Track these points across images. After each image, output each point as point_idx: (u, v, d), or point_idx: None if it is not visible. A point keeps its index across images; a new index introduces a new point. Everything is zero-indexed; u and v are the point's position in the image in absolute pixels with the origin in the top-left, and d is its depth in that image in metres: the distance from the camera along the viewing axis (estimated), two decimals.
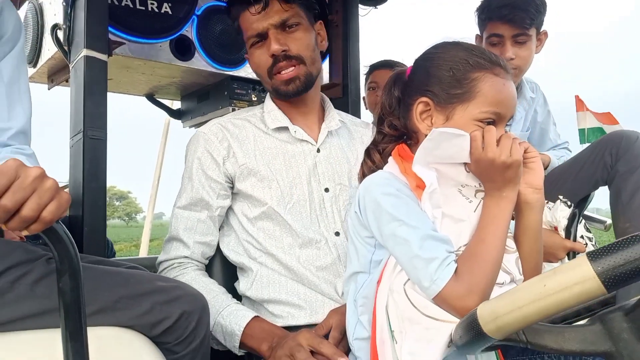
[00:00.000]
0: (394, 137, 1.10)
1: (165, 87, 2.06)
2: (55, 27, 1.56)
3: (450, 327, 0.87)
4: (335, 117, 1.47)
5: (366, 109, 2.50)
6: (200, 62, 1.82)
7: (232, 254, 1.41)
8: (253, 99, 1.98)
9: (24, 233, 0.74)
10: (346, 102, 2.07)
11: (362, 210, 1.02)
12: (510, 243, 0.98)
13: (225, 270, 1.45)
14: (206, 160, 1.37)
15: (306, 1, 1.39)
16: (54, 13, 1.63)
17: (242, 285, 1.40)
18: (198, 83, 2.01)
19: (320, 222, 1.38)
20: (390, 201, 0.97)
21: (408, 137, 1.10)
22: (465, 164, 1.00)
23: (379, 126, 1.12)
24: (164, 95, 2.18)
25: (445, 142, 0.96)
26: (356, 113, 2.11)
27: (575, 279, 0.61)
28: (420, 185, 0.97)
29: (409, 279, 0.95)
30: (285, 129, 1.41)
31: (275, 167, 1.36)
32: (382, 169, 1.08)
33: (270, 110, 1.43)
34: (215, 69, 1.86)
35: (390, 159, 1.07)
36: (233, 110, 1.93)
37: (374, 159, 1.10)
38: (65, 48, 1.53)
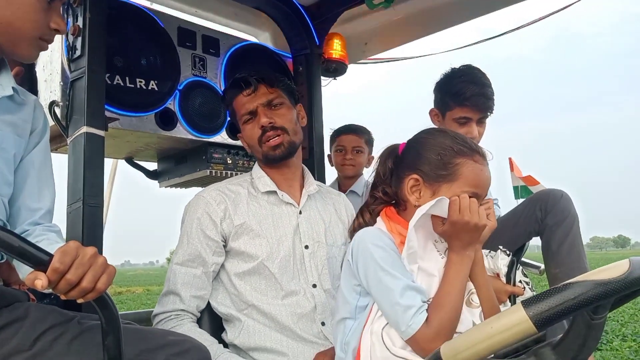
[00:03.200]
0: (385, 201, 1.33)
1: (144, 150, 2.22)
2: (52, 104, 1.70)
3: None
4: (313, 183, 1.73)
5: (331, 166, 2.74)
6: (181, 131, 2.00)
7: (221, 307, 1.58)
8: (228, 161, 2.18)
9: (80, 301, 0.90)
10: (312, 162, 2.28)
11: (354, 258, 1.23)
12: (475, 299, 1.20)
13: (212, 321, 1.60)
14: (205, 220, 1.56)
15: (287, 86, 1.70)
16: (50, 91, 1.78)
17: (229, 335, 1.56)
18: (177, 148, 2.19)
19: (300, 275, 1.58)
20: (379, 253, 1.18)
21: (397, 203, 1.33)
22: (433, 225, 1.22)
23: (373, 191, 1.35)
24: (142, 157, 2.33)
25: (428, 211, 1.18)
26: (321, 171, 2.34)
27: (513, 321, 0.82)
28: (403, 242, 1.19)
29: (386, 324, 1.16)
30: (274, 192, 1.64)
31: (266, 226, 1.58)
32: (370, 226, 1.31)
33: (260, 177, 1.67)
34: (195, 137, 2.05)
35: (379, 218, 1.30)
36: (210, 172, 2.12)
37: (365, 218, 1.33)
38: (63, 123, 1.68)
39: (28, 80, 1.80)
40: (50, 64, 1.80)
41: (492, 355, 1.00)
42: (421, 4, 2.37)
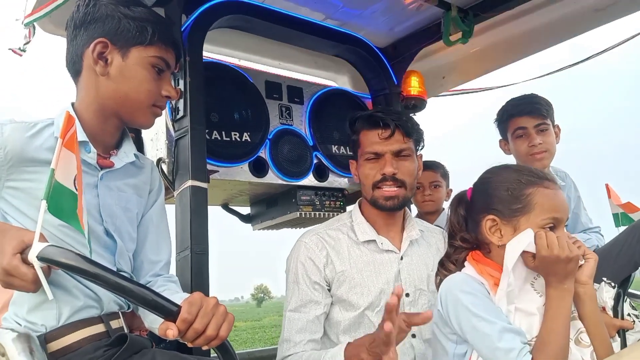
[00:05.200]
0: (466, 248, 1.33)
1: (238, 197, 2.36)
2: (160, 161, 1.87)
3: None
4: (415, 227, 1.70)
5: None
6: (272, 177, 2.12)
7: None
8: (316, 203, 2.26)
9: (205, 348, 0.99)
10: None
11: (444, 307, 1.24)
12: (585, 337, 1.17)
13: None
14: (309, 265, 1.61)
15: (418, 136, 1.69)
16: (156, 149, 1.96)
17: None
18: (268, 192, 2.31)
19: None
20: (469, 299, 1.19)
21: (479, 247, 1.33)
22: (524, 261, 1.21)
23: (451, 240, 1.36)
24: (236, 203, 2.48)
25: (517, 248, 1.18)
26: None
27: None
28: (497, 284, 1.19)
29: None
30: (374, 241, 1.64)
31: (367, 274, 1.59)
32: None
33: (359, 223, 1.67)
34: (285, 181, 2.15)
35: (466, 262, 1.30)
36: (300, 214, 2.21)
37: (449, 268, 1.32)
38: (170, 178, 1.84)
39: (136, 144, 1.99)
40: (156, 125, 1.96)
41: None
42: (498, 35, 2.37)
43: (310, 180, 2.24)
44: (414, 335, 1.55)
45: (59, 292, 1.14)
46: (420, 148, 1.74)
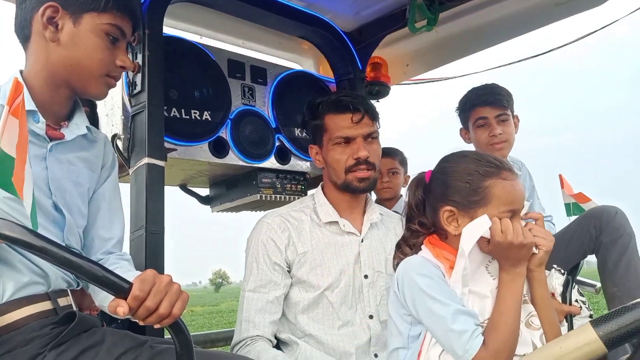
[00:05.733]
0: (423, 233, 1.33)
1: (197, 177, 2.31)
2: (115, 137, 1.80)
3: None
4: (376, 210, 1.71)
5: None
6: (233, 158, 2.08)
7: (279, 332, 1.60)
8: (277, 185, 2.23)
9: (157, 326, 0.96)
10: None
11: (401, 289, 1.25)
12: (536, 321, 1.20)
13: None
14: (270, 246, 1.59)
15: (378, 120, 1.72)
16: (112, 124, 1.89)
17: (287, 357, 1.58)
18: (228, 174, 2.27)
19: (357, 306, 1.58)
20: (425, 281, 1.20)
21: (436, 231, 1.34)
22: (479, 245, 1.23)
23: (408, 224, 1.36)
24: (195, 184, 2.42)
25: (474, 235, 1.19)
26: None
27: (583, 341, 0.83)
28: (452, 267, 1.21)
29: (442, 351, 1.16)
30: (336, 223, 1.64)
31: (328, 256, 1.59)
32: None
33: (322, 205, 1.67)
34: (245, 163, 2.12)
35: (423, 246, 1.31)
36: (260, 197, 2.18)
37: (405, 251, 1.33)
38: (125, 155, 1.77)
39: (91, 118, 1.91)
40: (112, 100, 1.91)
41: None
42: (463, 25, 2.40)
43: (271, 162, 2.21)
44: (371, 317, 1.57)
45: (3, 267, 1.09)
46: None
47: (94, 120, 1.91)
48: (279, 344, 1.63)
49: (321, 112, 1.69)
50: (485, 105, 2.14)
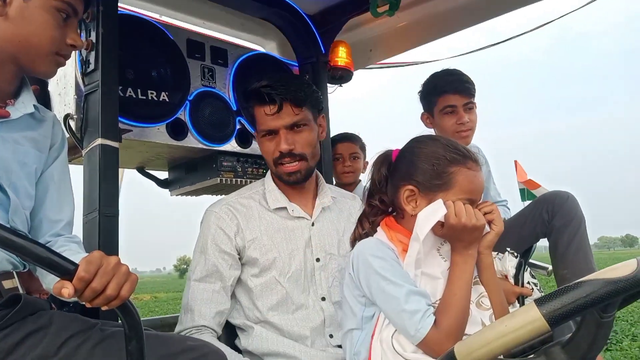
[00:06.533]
0: (382, 210, 1.35)
1: (155, 160, 2.26)
2: (67, 117, 1.74)
3: None
4: (327, 193, 1.69)
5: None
6: (192, 140, 2.04)
7: (234, 319, 1.59)
8: (238, 169, 2.21)
9: (104, 308, 0.93)
10: (320, 169, 2.31)
11: (355, 271, 1.26)
12: (486, 301, 1.23)
13: (226, 328, 1.62)
14: (219, 235, 1.56)
15: (313, 101, 1.61)
16: (64, 104, 1.82)
17: (243, 342, 1.58)
18: (187, 157, 2.23)
19: (310, 289, 1.57)
20: (379, 263, 1.21)
21: (394, 211, 1.35)
22: (432, 229, 1.25)
23: (369, 199, 1.37)
24: (153, 166, 2.37)
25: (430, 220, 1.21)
26: (328, 179, 2.37)
27: (527, 320, 0.85)
28: (405, 250, 1.22)
29: (395, 331, 1.18)
30: (284, 208, 1.62)
31: (278, 241, 1.57)
32: (371, 235, 1.33)
33: (271, 190, 1.65)
34: (205, 146, 2.08)
35: (379, 228, 1.32)
36: (221, 180, 2.15)
37: (364, 227, 1.35)
38: (78, 135, 1.72)
39: (41, 98, 1.84)
40: (64, 78, 1.84)
41: (502, 356, 1.02)
42: (425, 11, 2.41)
43: (232, 146, 2.18)
44: (323, 298, 1.57)
45: None
46: (319, 111, 1.67)
47: (44, 99, 1.84)
48: (235, 330, 1.63)
49: (251, 103, 1.62)
50: (455, 92, 2.13)
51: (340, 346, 1.50)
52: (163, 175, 2.45)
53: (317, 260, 1.60)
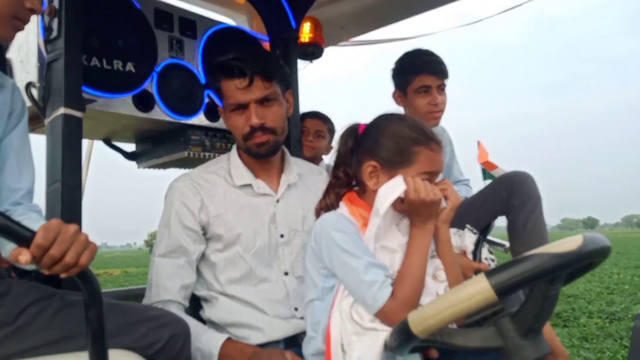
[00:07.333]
0: (346, 182, 1.38)
1: (122, 132, 2.23)
2: (29, 85, 1.70)
3: (385, 334, 1.14)
4: (293, 170, 1.69)
5: None
6: (159, 113, 2.02)
7: (198, 291, 1.61)
8: (206, 143, 2.20)
9: (63, 275, 0.94)
10: (287, 145, 2.32)
11: (317, 244, 1.29)
12: (441, 274, 1.28)
13: (190, 299, 1.65)
14: (182, 211, 1.56)
15: (282, 77, 1.61)
16: (26, 72, 1.78)
17: (207, 312, 1.60)
18: (155, 129, 2.20)
19: (273, 264, 1.60)
20: (340, 236, 1.24)
21: (357, 184, 1.38)
22: (392, 205, 1.28)
23: (335, 170, 1.40)
24: (120, 139, 2.34)
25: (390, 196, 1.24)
26: (296, 155, 2.38)
27: (476, 290, 0.89)
28: (366, 224, 1.25)
29: (354, 302, 1.22)
30: (250, 185, 1.62)
31: (242, 217, 1.58)
32: (335, 208, 1.36)
33: (236, 167, 1.64)
34: (173, 119, 2.07)
35: (341, 203, 1.36)
36: (189, 154, 2.14)
37: (330, 199, 1.38)
38: (40, 104, 1.68)
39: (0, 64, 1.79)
40: (26, 45, 1.80)
41: (455, 326, 1.07)
42: None
43: (200, 119, 2.17)
44: (286, 273, 1.59)
45: None
46: (286, 87, 1.67)
47: (3, 65, 1.79)
48: (199, 301, 1.64)
49: (218, 76, 1.60)
50: (432, 73, 2.13)
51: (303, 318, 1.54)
52: (131, 147, 2.43)
53: (282, 236, 1.61)
